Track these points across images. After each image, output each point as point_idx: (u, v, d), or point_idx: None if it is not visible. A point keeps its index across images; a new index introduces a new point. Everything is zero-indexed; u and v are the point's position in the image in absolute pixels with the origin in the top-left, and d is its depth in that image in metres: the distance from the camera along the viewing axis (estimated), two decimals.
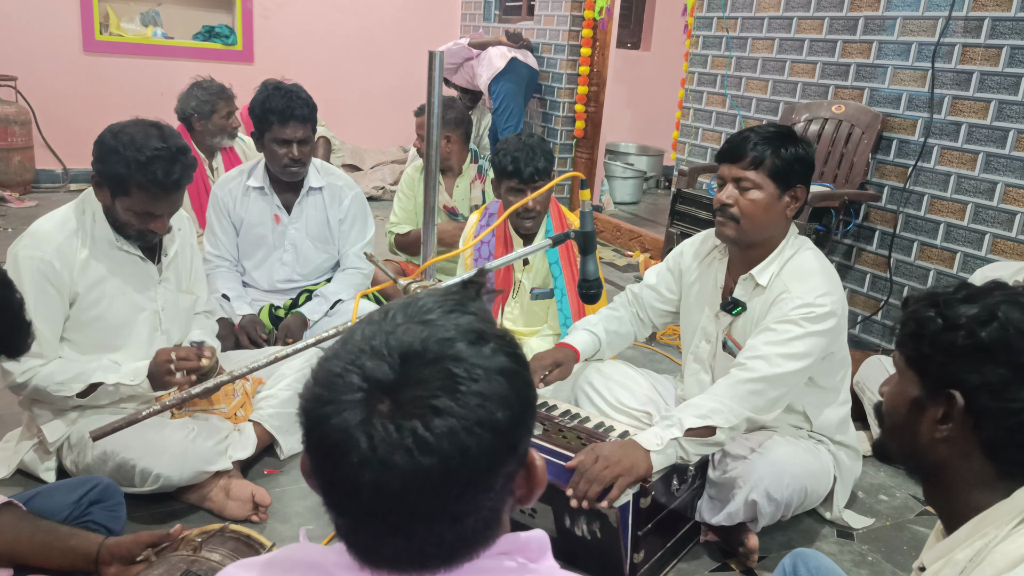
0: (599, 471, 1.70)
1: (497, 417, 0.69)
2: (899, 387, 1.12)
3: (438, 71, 1.60)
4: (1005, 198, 2.90)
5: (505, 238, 2.71)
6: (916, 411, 1.08)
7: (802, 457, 1.99)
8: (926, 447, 1.08)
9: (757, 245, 2.02)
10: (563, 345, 2.23)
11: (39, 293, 1.93)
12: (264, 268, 2.88)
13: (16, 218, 4.64)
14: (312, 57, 6.41)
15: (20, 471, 2.12)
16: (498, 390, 0.70)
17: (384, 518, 0.69)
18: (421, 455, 0.66)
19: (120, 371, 2.00)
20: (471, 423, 0.67)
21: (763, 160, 1.94)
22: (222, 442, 2.11)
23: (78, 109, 5.68)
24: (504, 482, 0.73)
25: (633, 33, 7.53)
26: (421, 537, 0.70)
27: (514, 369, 0.73)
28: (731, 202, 1.97)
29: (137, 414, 1.44)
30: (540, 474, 0.77)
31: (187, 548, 1.54)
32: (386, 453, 0.66)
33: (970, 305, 1.04)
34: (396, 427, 0.66)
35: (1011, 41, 2.85)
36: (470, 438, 0.67)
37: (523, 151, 2.56)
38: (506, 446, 0.71)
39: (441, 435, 0.66)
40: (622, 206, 6.36)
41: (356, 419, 0.67)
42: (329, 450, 0.69)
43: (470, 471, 0.68)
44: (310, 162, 2.77)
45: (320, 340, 1.45)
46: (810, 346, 1.90)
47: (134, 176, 1.91)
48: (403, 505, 0.68)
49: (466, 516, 0.70)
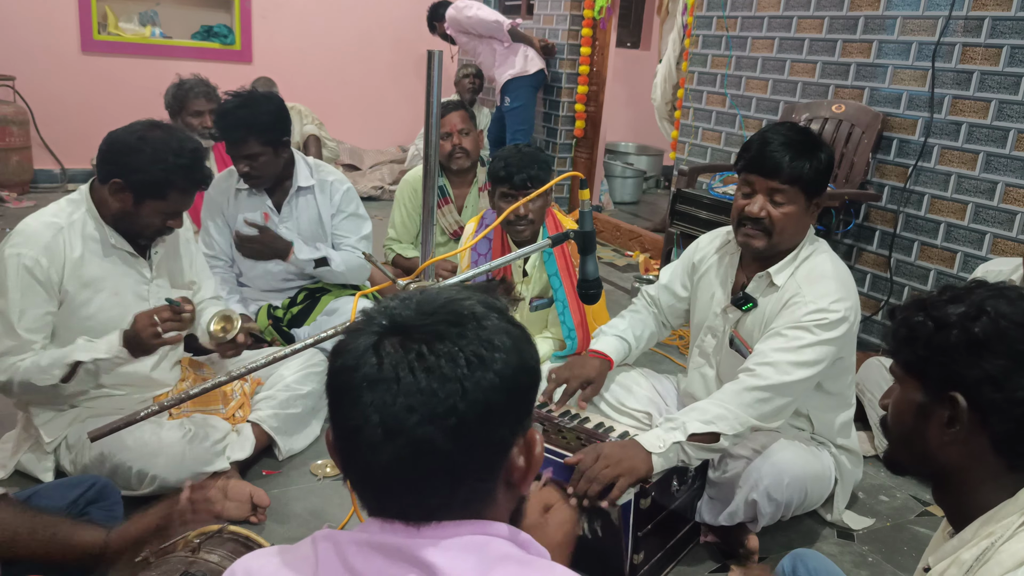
0: (599, 470, 1.69)
1: (496, 362, 0.75)
2: (902, 396, 1.11)
3: (437, 71, 1.59)
4: (1005, 198, 2.89)
5: (502, 248, 2.69)
6: (922, 417, 1.08)
7: (803, 458, 1.98)
8: (936, 452, 1.07)
9: (780, 252, 2.00)
10: (595, 354, 2.20)
11: (25, 290, 1.92)
12: (259, 268, 2.88)
13: (14, 218, 4.61)
14: (310, 57, 6.40)
15: (18, 472, 2.11)
16: (500, 341, 0.77)
17: (385, 450, 0.73)
18: (424, 374, 0.73)
19: (94, 346, 1.97)
20: (472, 357, 0.74)
21: (801, 175, 1.89)
22: (220, 443, 2.11)
23: (76, 109, 5.68)
24: (501, 446, 0.78)
25: (633, 33, 7.53)
26: (423, 479, 0.74)
27: (520, 336, 0.80)
28: (763, 215, 1.93)
29: (135, 414, 1.43)
30: (538, 452, 0.82)
31: (185, 549, 1.53)
32: (391, 370, 0.73)
33: (957, 304, 1.05)
34: (403, 349, 0.74)
35: (1011, 41, 2.85)
36: (471, 370, 0.74)
37: (517, 157, 2.55)
38: (504, 399, 0.76)
39: (442, 357, 0.74)
40: (622, 206, 6.36)
41: (369, 343, 0.76)
42: (341, 371, 0.76)
43: (468, 407, 0.73)
44: (269, 173, 2.73)
45: (319, 340, 1.44)
46: (821, 354, 1.88)
47: (176, 180, 1.94)
48: (403, 435, 0.72)
49: (464, 467, 0.75)
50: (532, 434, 0.81)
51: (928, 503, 2.39)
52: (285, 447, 2.34)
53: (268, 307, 2.86)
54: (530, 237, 2.63)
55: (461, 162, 3.42)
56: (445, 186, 3.47)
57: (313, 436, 2.45)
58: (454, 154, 3.39)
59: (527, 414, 0.81)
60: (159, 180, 1.93)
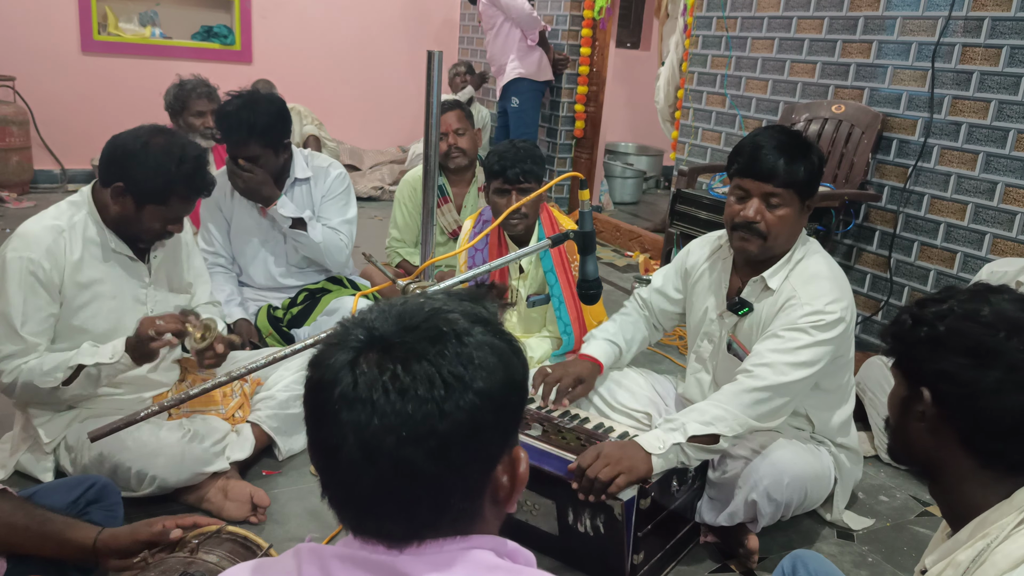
0: (599, 469, 1.69)
1: (478, 382, 0.72)
2: (894, 389, 1.16)
3: (437, 71, 1.59)
4: (1005, 198, 2.89)
5: (499, 246, 2.69)
6: (904, 410, 1.12)
7: (803, 458, 1.98)
8: (916, 444, 1.11)
9: (774, 255, 2.00)
10: (585, 357, 2.20)
11: (28, 294, 1.92)
12: (257, 263, 2.88)
13: (14, 219, 4.64)
14: (310, 57, 6.40)
15: (18, 472, 2.11)
16: (483, 359, 0.74)
17: (367, 472, 0.71)
18: (397, 396, 0.70)
19: (98, 351, 1.97)
20: (449, 378, 0.71)
21: (796, 178, 1.90)
22: (219, 443, 2.11)
23: (76, 109, 5.68)
24: (487, 464, 0.75)
25: (633, 33, 7.53)
26: (405, 502, 0.72)
27: (505, 350, 0.76)
28: (758, 219, 1.93)
29: (135, 415, 1.43)
30: (523, 470, 0.80)
31: (184, 550, 1.53)
32: (366, 390, 0.71)
33: (940, 304, 1.08)
34: (379, 368, 0.71)
35: (1011, 41, 2.85)
36: (448, 393, 0.71)
37: (512, 152, 2.55)
38: (487, 418, 0.73)
39: (418, 379, 0.71)
40: (622, 206, 6.35)
41: (346, 359, 0.73)
42: (318, 387, 0.74)
43: (449, 428, 0.71)
44: (268, 175, 2.73)
45: (319, 340, 1.44)
46: (818, 354, 1.89)
47: (178, 187, 1.95)
48: (383, 457, 0.70)
49: (449, 488, 0.73)
50: (517, 452, 0.80)
51: (928, 503, 2.39)
52: (285, 447, 2.34)
53: (268, 307, 2.86)
54: (524, 232, 2.64)
55: (458, 161, 3.42)
56: (444, 185, 3.47)
57: None
58: (450, 154, 3.39)
59: (513, 431, 0.79)
60: (161, 186, 1.93)
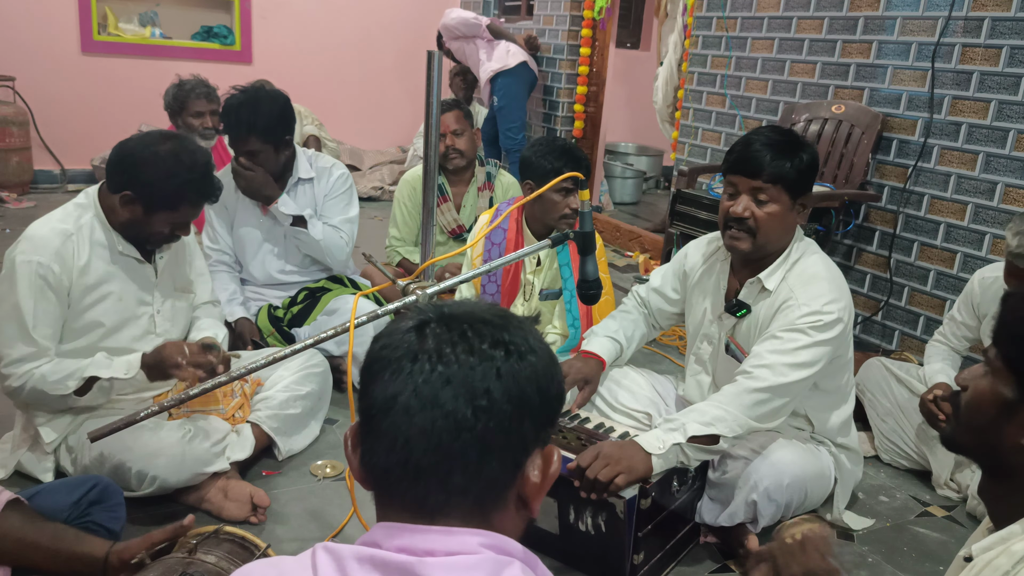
0: (598, 468, 1.69)
1: (532, 357, 0.79)
2: (991, 385, 1.04)
3: (437, 71, 1.59)
4: (1005, 198, 2.89)
5: (516, 241, 2.69)
6: (1006, 414, 1.02)
7: (803, 458, 1.98)
8: (1009, 450, 1.02)
9: (769, 255, 2.01)
10: (587, 354, 2.20)
11: (38, 297, 1.92)
12: (258, 260, 2.88)
13: (14, 219, 4.63)
14: (310, 57, 6.40)
15: (18, 472, 2.11)
16: (539, 347, 0.81)
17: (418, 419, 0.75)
18: (464, 350, 0.77)
19: (113, 365, 1.99)
20: (511, 345, 0.78)
21: (783, 174, 1.91)
22: (219, 443, 2.10)
23: (76, 110, 5.67)
24: (522, 445, 0.79)
25: (632, 33, 7.53)
26: (446, 456, 0.76)
27: (554, 356, 0.84)
28: (747, 215, 1.94)
29: (136, 415, 1.43)
30: (553, 470, 0.83)
31: (182, 550, 1.53)
32: (434, 343, 0.78)
33: None
34: (448, 328, 0.79)
35: (1011, 41, 2.85)
36: (507, 356, 0.77)
37: (562, 149, 2.52)
38: (533, 398, 0.78)
39: (484, 338, 0.78)
40: (621, 206, 6.35)
41: (412, 325, 0.80)
42: (383, 349, 0.80)
43: (501, 391, 0.76)
44: (268, 169, 2.74)
45: (319, 340, 1.44)
46: (816, 355, 1.89)
47: (188, 194, 1.96)
48: (437, 407, 0.75)
49: (487, 452, 0.76)
50: (551, 450, 0.82)
51: (928, 503, 2.39)
52: (285, 447, 2.34)
53: (268, 307, 2.86)
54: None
55: (457, 162, 3.42)
56: (443, 185, 3.48)
57: (312, 436, 2.45)
58: (449, 155, 3.40)
59: (551, 423, 0.82)
60: (172, 194, 1.94)
